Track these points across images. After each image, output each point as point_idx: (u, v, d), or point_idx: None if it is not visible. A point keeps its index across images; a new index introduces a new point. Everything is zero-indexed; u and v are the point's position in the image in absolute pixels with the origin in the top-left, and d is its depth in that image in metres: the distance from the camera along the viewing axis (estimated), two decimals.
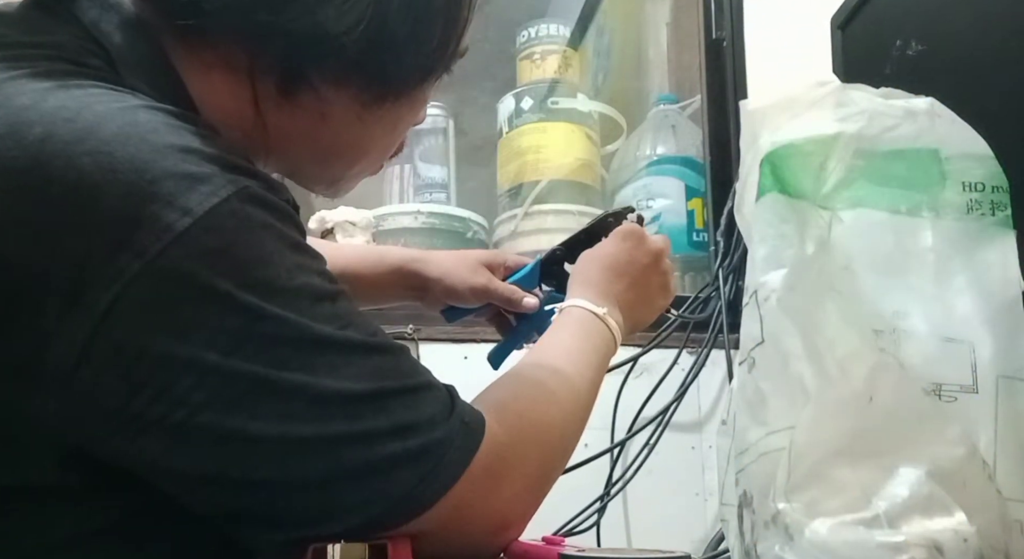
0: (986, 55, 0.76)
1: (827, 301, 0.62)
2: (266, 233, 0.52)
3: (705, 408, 1.32)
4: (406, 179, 1.72)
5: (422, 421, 0.55)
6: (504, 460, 0.59)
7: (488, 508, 0.58)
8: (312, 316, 0.52)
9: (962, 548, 0.53)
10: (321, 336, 0.52)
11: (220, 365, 0.49)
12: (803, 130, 0.68)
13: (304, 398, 0.51)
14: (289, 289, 0.51)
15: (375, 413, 0.53)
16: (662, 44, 1.79)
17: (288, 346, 0.51)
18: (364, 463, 0.52)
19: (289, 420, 0.50)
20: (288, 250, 0.53)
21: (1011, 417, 0.61)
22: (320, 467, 0.51)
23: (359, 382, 0.53)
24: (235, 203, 0.50)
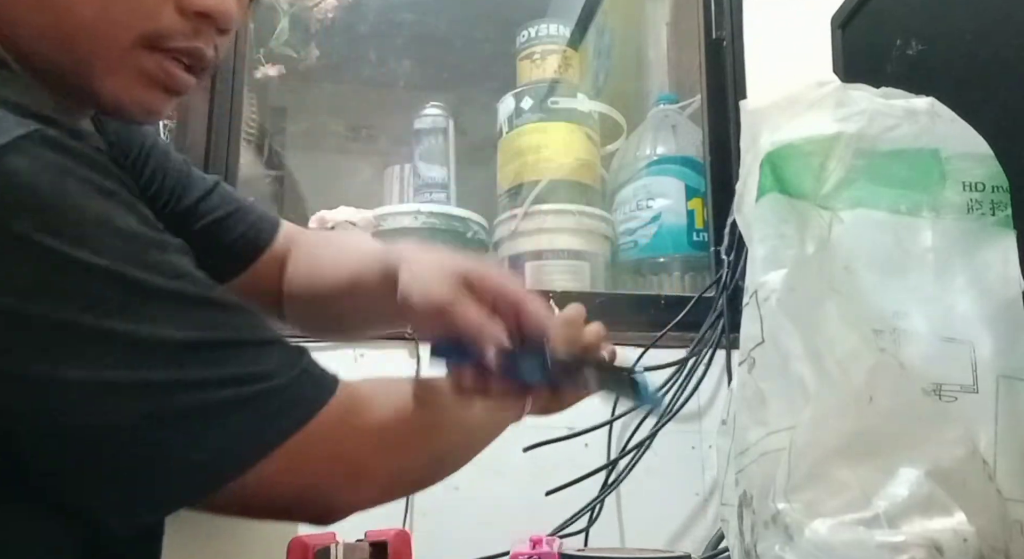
0: (986, 55, 0.76)
1: (827, 301, 0.62)
2: (67, 177, 0.49)
3: (705, 408, 1.32)
4: (406, 179, 1.72)
5: (258, 373, 0.53)
6: (358, 412, 0.58)
7: (337, 455, 0.56)
8: (130, 262, 0.50)
9: (962, 548, 0.53)
10: (140, 282, 0.50)
11: (16, 309, 0.46)
12: (803, 130, 0.68)
13: (120, 344, 0.49)
14: (99, 234, 0.49)
15: (204, 363, 0.51)
16: (662, 44, 1.79)
17: (101, 293, 0.48)
18: (189, 409, 0.50)
19: (102, 366, 0.48)
20: (97, 195, 0.50)
21: (1011, 417, 0.61)
22: (140, 414, 0.49)
23: (186, 331, 0.51)
24: (27, 145, 0.48)
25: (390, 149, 1.87)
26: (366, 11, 1.90)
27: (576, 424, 1.28)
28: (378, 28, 1.92)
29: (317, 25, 1.74)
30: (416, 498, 1.20)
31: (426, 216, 1.51)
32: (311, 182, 1.83)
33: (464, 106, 1.85)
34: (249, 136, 1.54)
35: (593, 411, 1.28)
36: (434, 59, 1.98)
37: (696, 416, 1.32)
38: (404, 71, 1.96)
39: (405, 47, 1.95)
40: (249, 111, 1.51)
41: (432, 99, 1.73)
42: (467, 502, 1.22)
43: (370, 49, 1.93)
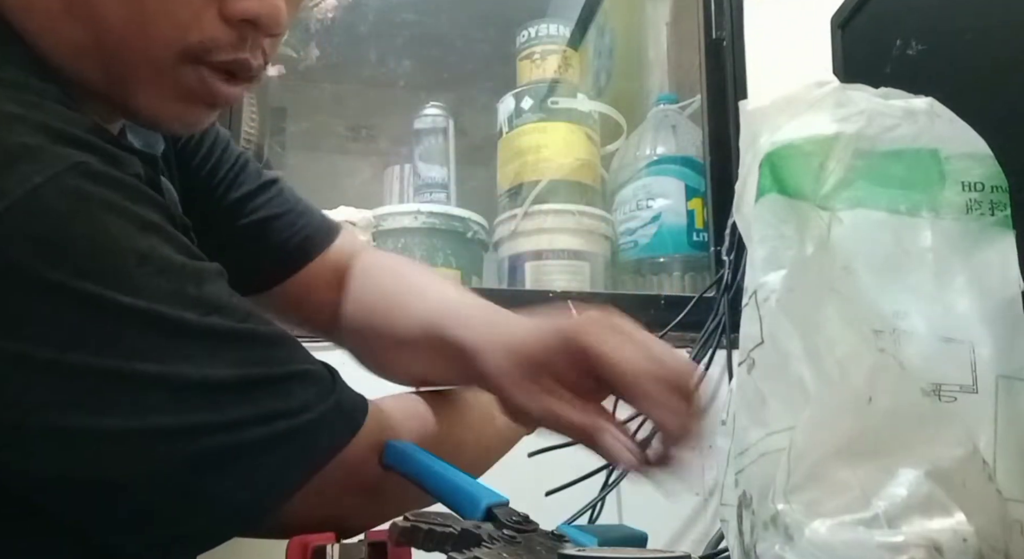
0: (986, 55, 0.76)
1: (827, 301, 0.62)
2: (108, 214, 0.47)
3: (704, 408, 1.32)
4: (406, 179, 1.72)
5: (292, 408, 0.53)
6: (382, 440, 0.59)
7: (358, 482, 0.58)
8: (168, 303, 0.48)
9: (961, 548, 0.53)
10: (178, 324, 0.49)
11: (56, 362, 0.45)
12: (802, 130, 0.68)
13: (158, 388, 0.48)
14: (139, 275, 0.48)
15: (239, 402, 0.51)
16: (662, 44, 1.79)
17: (138, 336, 0.47)
18: (226, 450, 0.50)
19: (141, 412, 0.47)
20: (138, 232, 0.48)
21: (1011, 417, 0.61)
22: (179, 458, 0.49)
23: (221, 370, 0.50)
24: (67, 181, 0.46)
25: (390, 149, 1.87)
26: (366, 11, 1.90)
27: None
28: (378, 28, 1.92)
29: (317, 25, 1.74)
30: None
31: (426, 216, 1.51)
32: (311, 182, 1.82)
33: (464, 106, 1.85)
34: (249, 136, 1.54)
35: None
36: (434, 59, 1.98)
37: None
38: (404, 71, 1.96)
39: (405, 47, 1.95)
40: (249, 111, 1.51)
41: (432, 99, 1.74)
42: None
43: (370, 49, 1.93)
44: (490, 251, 1.63)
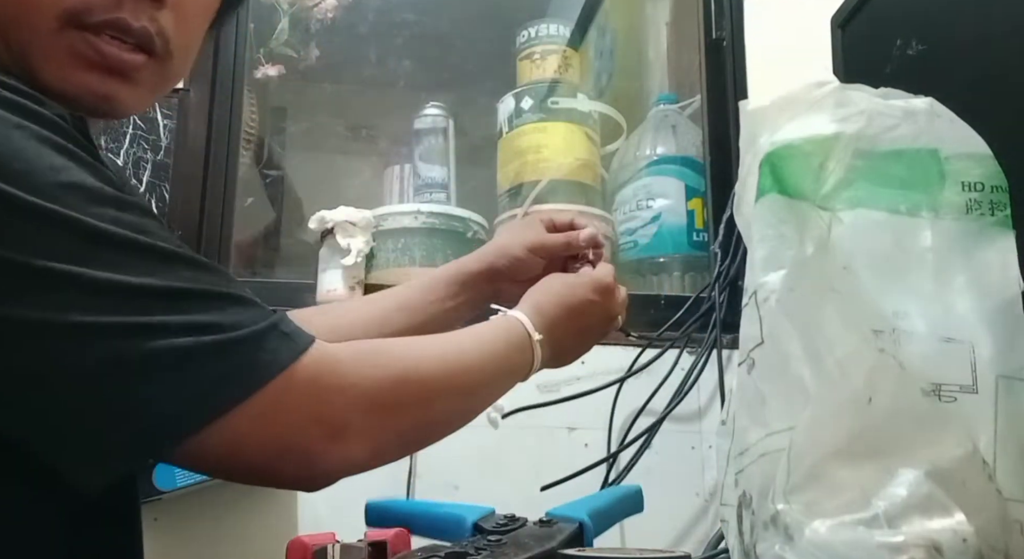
0: (986, 55, 0.76)
1: (826, 302, 0.62)
2: (19, 131, 0.49)
3: (705, 408, 1.32)
4: (406, 179, 1.72)
5: (224, 322, 0.52)
6: (339, 374, 0.57)
7: (313, 413, 0.55)
8: (85, 213, 0.49)
9: (961, 548, 0.53)
10: (97, 230, 0.50)
11: None
12: (802, 130, 0.68)
13: (75, 286, 0.48)
14: (53, 184, 0.49)
15: (164, 309, 0.50)
16: (662, 44, 1.79)
17: (54, 238, 0.48)
18: (147, 355, 0.49)
19: (56, 308, 0.48)
20: (52, 151, 0.50)
21: (1011, 417, 0.61)
22: (94, 357, 0.49)
23: (146, 278, 0.50)
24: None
25: (390, 149, 1.87)
26: (366, 11, 1.90)
27: (577, 424, 1.29)
28: (378, 28, 1.92)
29: (317, 25, 1.74)
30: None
31: (426, 216, 1.51)
32: (311, 182, 1.83)
33: (464, 106, 1.85)
34: (249, 136, 1.54)
35: (592, 410, 1.28)
36: (434, 59, 1.98)
37: (696, 416, 1.32)
38: (404, 71, 1.96)
39: (405, 47, 1.95)
40: (249, 111, 1.51)
41: (432, 99, 1.74)
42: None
43: (370, 49, 1.93)
44: None
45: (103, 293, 0.49)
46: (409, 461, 1.21)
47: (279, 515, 1.13)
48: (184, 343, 0.51)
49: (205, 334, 0.51)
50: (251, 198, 1.59)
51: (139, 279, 0.50)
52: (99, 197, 0.51)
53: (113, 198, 0.52)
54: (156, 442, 0.52)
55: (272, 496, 1.14)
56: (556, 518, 0.77)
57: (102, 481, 0.52)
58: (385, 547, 0.83)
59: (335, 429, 0.56)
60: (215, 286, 0.54)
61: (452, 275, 0.90)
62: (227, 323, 0.53)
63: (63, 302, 0.48)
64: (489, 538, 0.73)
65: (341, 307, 0.95)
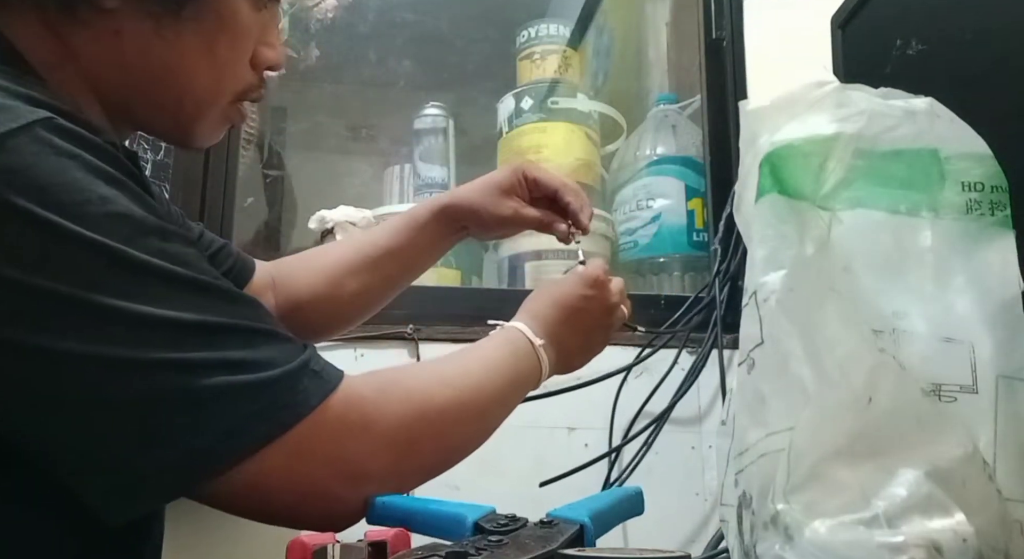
0: (986, 55, 0.76)
1: (826, 302, 0.62)
2: (73, 162, 0.51)
3: (705, 408, 1.32)
4: (406, 179, 1.72)
5: (259, 360, 0.53)
6: (364, 414, 0.58)
7: (338, 455, 0.56)
8: (131, 244, 0.51)
9: (961, 548, 0.53)
10: (141, 263, 0.51)
11: (21, 281, 0.48)
12: (802, 130, 0.68)
13: (118, 320, 0.50)
14: (101, 215, 0.50)
15: (202, 346, 0.52)
16: (662, 44, 1.79)
17: (98, 269, 0.50)
18: (185, 391, 0.51)
19: (100, 341, 0.49)
20: (102, 181, 0.52)
21: (1011, 417, 0.61)
22: (134, 391, 0.50)
23: (185, 313, 0.52)
24: (37, 130, 0.50)
25: (390, 149, 1.88)
26: (366, 11, 1.90)
27: (577, 424, 1.29)
28: (378, 28, 1.92)
29: (317, 25, 1.74)
30: None
31: None
32: (311, 182, 1.83)
33: (464, 106, 1.85)
34: (249, 136, 1.54)
35: (593, 410, 1.28)
36: (434, 59, 1.98)
37: (696, 417, 1.32)
38: (404, 71, 1.96)
39: (405, 47, 1.95)
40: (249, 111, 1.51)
41: (432, 99, 1.74)
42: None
43: (370, 49, 1.93)
44: (490, 251, 1.64)
45: (144, 327, 0.50)
46: None
47: None
48: (219, 382, 0.52)
49: (240, 372, 0.53)
50: (251, 198, 1.60)
51: (178, 314, 0.52)
52: (144, 228, 0.52)
53: (157, 228, 0.53)
54: (186, 478, 0.53)
55: None
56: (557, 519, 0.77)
57: (130, 515, 0.53)
58: (385, 547, 0.83)
59: (358, 473, 0.58)
60: (251, 321, 0.55)
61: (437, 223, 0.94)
62: (262, 361, 0.54)
63: (104, 336, 0.49)
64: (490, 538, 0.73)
65: (301, 258, 0.98)
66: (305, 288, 0.92)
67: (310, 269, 0.94)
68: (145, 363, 0.50)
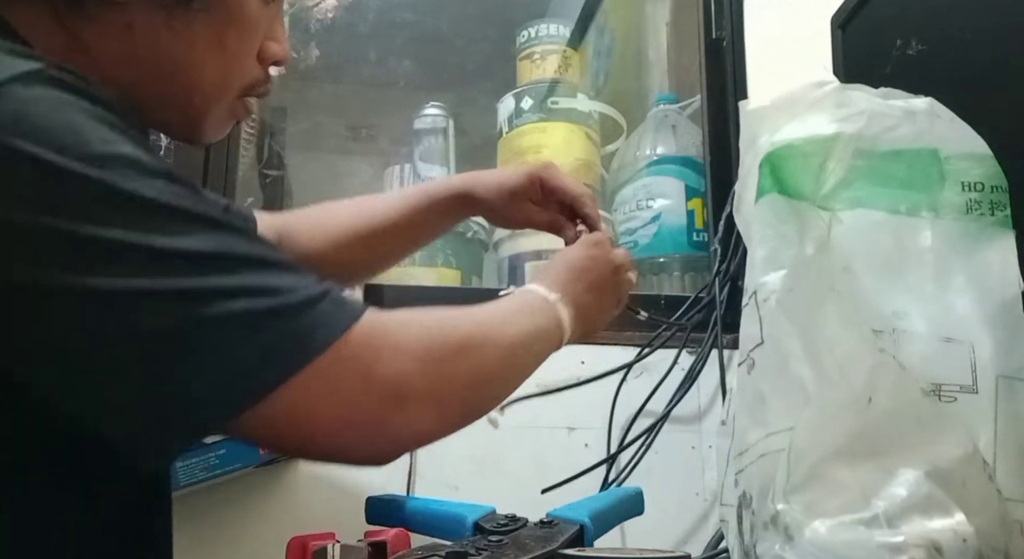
0: (986, 55, 0.76)
1: (826, 302, 0.62)
2: (70, 107, 0.51)
3: (705, 408, 1.32)
4: (406, 179, 1.72)
5: (281, 286, 0.53)
6: (393, 336, 0.57)
7: (374, 375, 0.56)
8: (139, 184, 0.51)
9: (961, 548, 0.53)
10: (151, 201, 0.51)
11: (27, 222, 0.48)
12: (802, 130, 0.68)
13: (135, 255, 0.49)
14: (104, 155, 0.50)
15: (223, 273, 0.52)
16: (662, 44, 1.79)
17: (107, 207, 0.49)
18: (214, 318, 0.50)
19: (121, 276, 0.49)
20: (104, 126, 0.52)
21: (1011, 417, 0.61)
22: (162, 322, 0.49)
23: (203, 246, 0.51)
24: (33, 80, 0.50)
25: (390, 149, 1.87)
26: (366, 11, 1.90)
27: (577, 424, 1.28)
28: (378, 28, 1.92)
29: (317, 25, 1.74)
30: None
31: None
32: (311, 182, 1.83)
33: (464, 106, 1.85)
34: (249, 136, 1.54)
35: (592, 410, 1.28)
36: (434, 59, 1.98)
37: (696, 416, 1.32)
38: (404, 71, 1.96)
39: (405, 47, 1.95)
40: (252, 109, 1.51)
41: (432, 99, 1.74)
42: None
43: (370, 49, 1.93)
44: (490, 251, 1.63)
45: (162, 259, 0.50)
46: (409, 460, 1.21)
47: (279, 515, 1.13)
48: (248, 307, 0.51)
49: (262, 297, 0.52)
50: (251, 198, 1.59)
51: (195, 246, 0.51)
52: (150, 169, 0.52)
53: (164, 171, 0.53)
54: (226, 407, 0.52)
55: (272, 496, 1.14)
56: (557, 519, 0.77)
57: (167, 455, 0.53)
58: (385, 547, 0.83)
59: (397, 393, 0.56)
60: (267, 253, 0.55)
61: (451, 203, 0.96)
62: (284, 287, 0.53)
63: (117, 269, 0.49)
64: (490, 538, 0.73)
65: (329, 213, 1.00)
66: (311, 249, 0.93)
67: (317, 229, 0.95)
68: (169, 293, 0.50)
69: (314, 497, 1.15)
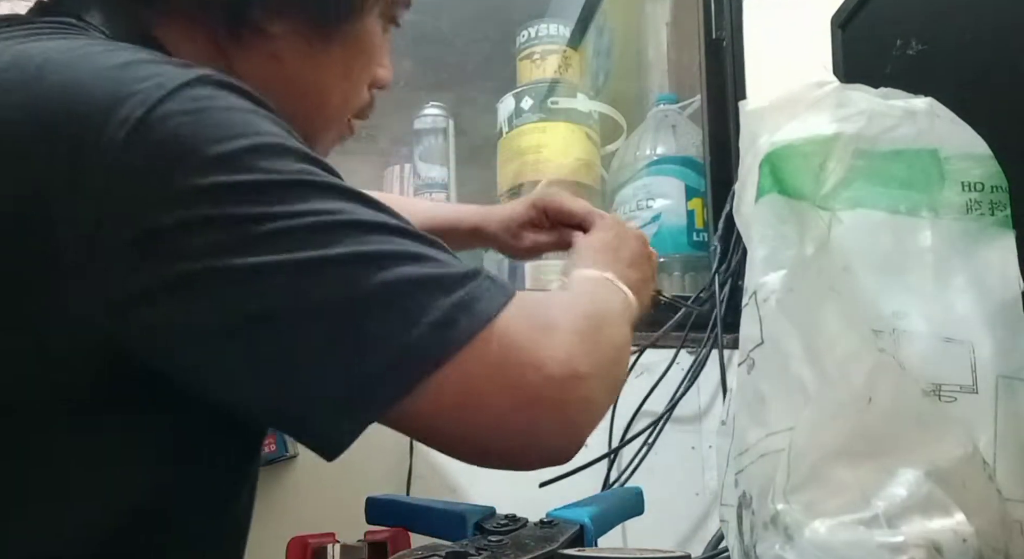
0: (986, 55, 0.76)
1: (826, 302, 0.62)
2: (241, 106, 0.54)
3: (705, 408, 1.32)
4: (406, 179, 1.72)
5: (441, 258, 0.53)
6: (543, 313, 0.57)
7: (539, 355, 0.54)
8: (302, 170, 0.53)
9: (961, 548, 0.53)
10: (316, 182, 0.53)
11: (210, 215, 0.49)
12: (802, 131, 0.68)
13: (302, 226, 0.50)
14: (272, 146, 0.53)
15: (387, 240, 0.52)
16: (662, 44, 1.79)
17: (283, 190, 0.51)
18: (383, 284, 0.50)
19: (288, 249, 0.50)
20: (268, 122, 0.54)
21: (1011, 417, 0.61)
22: (333, 290, 0.49)
23: (364, 217, 0.53)
24: (207, 81, 0.53)
25: (390, 149, 1.87)
26: None
27: None
28: None
29: None
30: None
31: None
32: None
33: (464, 106, 1.85)
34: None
35: None
36: (434, 59, 1.98)
37: (697, 416, 1.32)
38: (404, 70, 1.96)
39: (405, 47, 1.94)
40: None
41: (432, 99, 1.73)
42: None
43: None
44: (490, 251, 1.63)
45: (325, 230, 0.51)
46: (409, 461, 1.21)
47: (279, 515, 1.13)
48: (413, 272, 0.51)
49: (428, 266, 0.52)
50: None
51: (358, 217, 0.52)
52: (311, 158, 0.55)
53: (322, 162, 0.55)
54: (405, 377, 0.51)
55: (272, 496, 1.14)
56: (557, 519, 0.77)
57: (351, 436, 0.52)
58: (385, 547, 0.83)
59: (565, 371, 0.55)
60: (418, 231, 0.55)
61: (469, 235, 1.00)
62: (442, 259, 0.54)
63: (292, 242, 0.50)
64: (490, 538, 0.73)
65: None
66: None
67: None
68: (336, 258, 0.50)
69: (314, 497, 1.15)
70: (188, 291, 0.49)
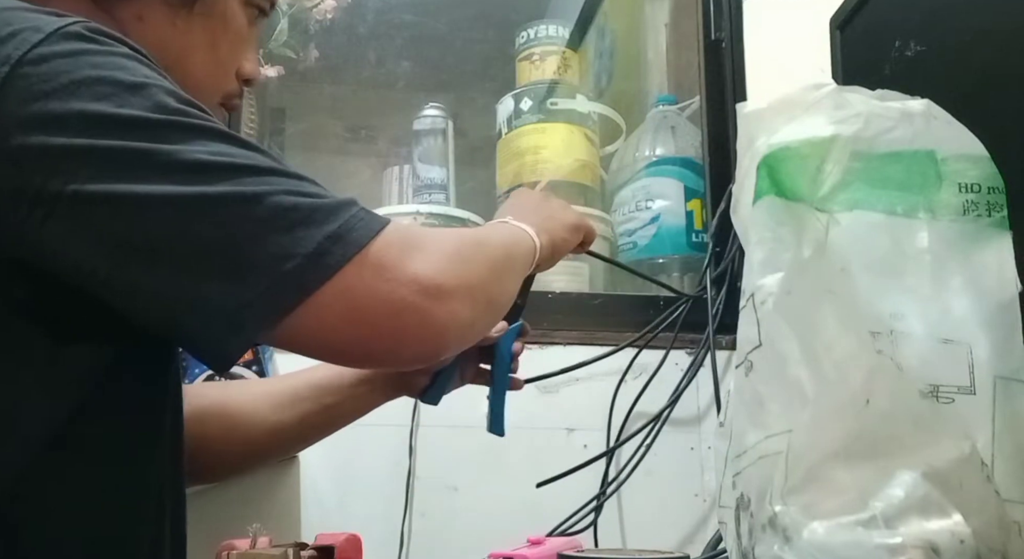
0: (985, 56, 0.76)
1: (824, 304, 0.62)
2: (119, 50, 0.59)
3: (703, 409, 1.32)
4: (405, 180, 1.72)
5: (314, 191, 0.59)
6: (416, 238, 0.63)
7: (411, 272, 0.60)
8: (181, 110, 0.58)
9: (959, 549, 0.53)
10: (192, 124, 0.58)
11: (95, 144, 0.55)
12: (800, 132, 0.68)
13: (180, 165, 0.56)
14: (151, 85, 0.58)
15: (265, 181, 0.58)
16: (661, 45, 1.79)
17: (159, 127, 0.57)
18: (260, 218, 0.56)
19: (172, 182, 0.55)
20: (147, 67, 0.59)
21: (1008, 418, 0.61)
22: (211, 222, 0.55)
23: (240, 159, 0.58)
24: (85, 27, 0.58)
25: (389, 150, 1.87)
26: (365, 12, 1.90)
27: (575, 425, 1.29)
28: (377, 29, 1.92)
29: (316, 26, 1.74)
30: (415, 499, 1.21)
31: (425, 217, 1.51)
32: None
33: (463, 107, 1.85)
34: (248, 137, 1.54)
35: (591, 411, 1.28)
36: (434, 59, 1.98)
37: (695, 417, 1.32)
38: (403, 72, 1.96)
39: (405, 48, 1.95)
40: (248, 112, 1.51)
41: (431, 100, 1.73)
42: (466, 503, 1.22)
43: (369, 50, 1.93)
44: None
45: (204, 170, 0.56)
46: (408, 462, 1.21)
47: (279, 515, 1.13)
48: (288, 203, 0.57)
49: (306, 197, 0.58)
50: None
51: (233, 159, 0.58)
52: (188, 100, 0.60)
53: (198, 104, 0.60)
54: (285, 299, 0.57)
55: (272, 496, 1.15)
56: None
57: (239, 351, 0.58)
58: (332, 552, 0.81)
59: (434, 286, 0.61)
60: (298, 171, 0.61)
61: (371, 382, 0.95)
62: (318, 192, 0.60)
63: (173, 176, 0.56)
64: None
65: (244, 383, 1.02)
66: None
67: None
68: (215, 196, 0.56)
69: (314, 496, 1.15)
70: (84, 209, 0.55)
